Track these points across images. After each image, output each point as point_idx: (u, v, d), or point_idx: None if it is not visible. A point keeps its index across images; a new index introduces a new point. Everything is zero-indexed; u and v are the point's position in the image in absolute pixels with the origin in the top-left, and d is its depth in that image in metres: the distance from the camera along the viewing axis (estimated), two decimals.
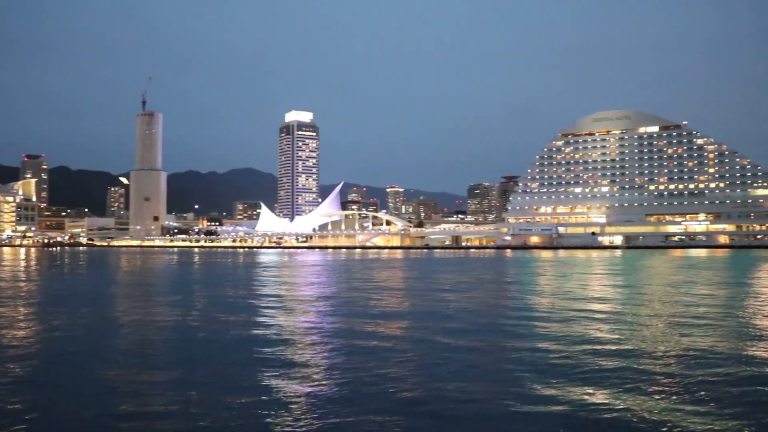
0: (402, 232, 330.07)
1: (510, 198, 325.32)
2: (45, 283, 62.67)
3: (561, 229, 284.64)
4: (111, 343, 23.59)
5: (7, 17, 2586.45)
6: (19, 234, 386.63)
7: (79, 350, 22.24)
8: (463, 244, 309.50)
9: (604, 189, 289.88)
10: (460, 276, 69.41)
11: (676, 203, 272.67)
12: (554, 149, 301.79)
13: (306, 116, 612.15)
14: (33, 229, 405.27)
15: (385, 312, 32.70)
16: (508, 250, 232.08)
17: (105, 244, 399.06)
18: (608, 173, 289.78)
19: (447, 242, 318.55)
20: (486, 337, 23.97)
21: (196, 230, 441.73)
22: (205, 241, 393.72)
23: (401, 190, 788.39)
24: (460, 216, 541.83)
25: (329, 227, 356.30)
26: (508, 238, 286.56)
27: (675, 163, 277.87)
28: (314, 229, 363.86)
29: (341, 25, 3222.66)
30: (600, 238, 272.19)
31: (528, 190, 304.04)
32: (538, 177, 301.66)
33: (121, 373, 17.96)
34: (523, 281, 61.29)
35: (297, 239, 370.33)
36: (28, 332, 26.44)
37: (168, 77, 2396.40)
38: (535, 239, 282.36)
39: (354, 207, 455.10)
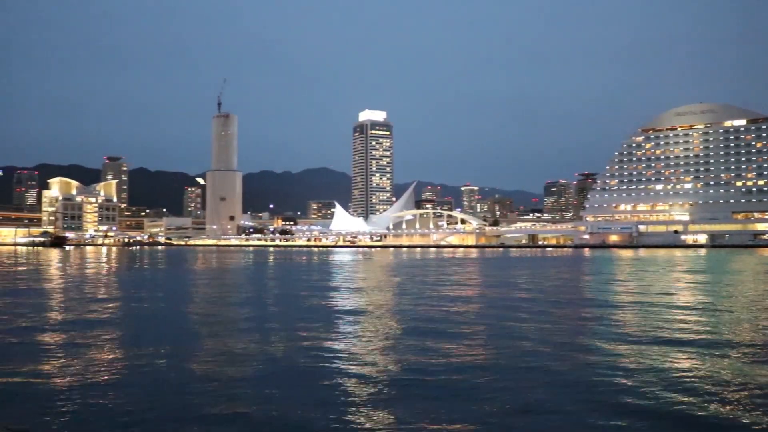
0: (477, 230, 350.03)
1: (588, 196, 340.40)
2: (131, 278, 69.42)
3: (641, 228, 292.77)
4: (189, 339, 25.10)
5: (89, 25, 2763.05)
6: (101, 233, 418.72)
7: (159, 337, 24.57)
8: (540, 242, 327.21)
9: (687, 186, 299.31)
10: (544, 280, 64.16)
11: (765, 200, 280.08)
12: (634, 145, 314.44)
13: (379, 115, 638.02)
14: (114, 228, 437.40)
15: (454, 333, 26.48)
16: (586, 249, 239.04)
17: (182, 243, 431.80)
18: (691, 169, 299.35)
19: (523, 241, 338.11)
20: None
21: (271, 229, 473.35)
22: (280, 240, 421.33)
23: (476, 188, 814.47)
24: (536, 214, 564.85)
25: (403, 226, 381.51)
26: (586, 236, 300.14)
27: (764, 157, 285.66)
28: (388, 228, 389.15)
29: (414, 24, 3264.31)
30: (683, 237, 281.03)
31: (607, 188, 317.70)
32: (617, 174, 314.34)
33: (200, 369, 19.30)
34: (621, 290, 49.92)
35: (371, 238, 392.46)
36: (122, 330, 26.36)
37: (243, 79, 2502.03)
38: (614, 238, 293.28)
39: (428, 206, 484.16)
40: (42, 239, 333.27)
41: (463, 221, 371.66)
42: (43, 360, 21.27)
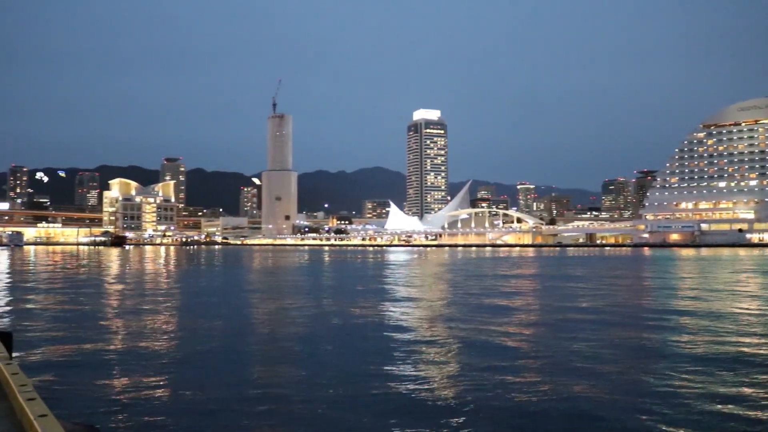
0: (533, 229, 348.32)
1: (647, 193, 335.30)
2: (191, 278, 72.18)
3: (704, 226, 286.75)
4: (245, 337, 25.52)
5: (149, 28, 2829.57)
6: (159, 233, 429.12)
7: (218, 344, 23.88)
8: (598, 241, 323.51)
9: (752, 183, 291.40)
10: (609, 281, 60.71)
11: None
12: (695, 141, 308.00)
13: (434, 114, 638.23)
14: (172, 228, 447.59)
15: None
16: (646, 248, 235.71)
17: (239, 242, 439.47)
18: (757, 165, 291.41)
19: (580, 240, 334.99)
20: None
21: (327, 229, 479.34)
22: (335, 240, 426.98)
23: (532, 186, 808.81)
24: (594, 213, 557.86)
25: (459, 225, 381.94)
26: (645, 235, 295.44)
27: None
28: (443, 227, 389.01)
29: (468, 22, 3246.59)
30: (748, 236, 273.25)
31: (667, 185, 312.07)
32: (677, 171, 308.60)
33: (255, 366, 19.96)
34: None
35: (426, 237, 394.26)
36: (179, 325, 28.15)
37: (297, 79, 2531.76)
38: (675, 236, 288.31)
39: (483, 204, 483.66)
40: (103, 239, 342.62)
41: (519, 220, 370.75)
42: (113, 357, 22.78)
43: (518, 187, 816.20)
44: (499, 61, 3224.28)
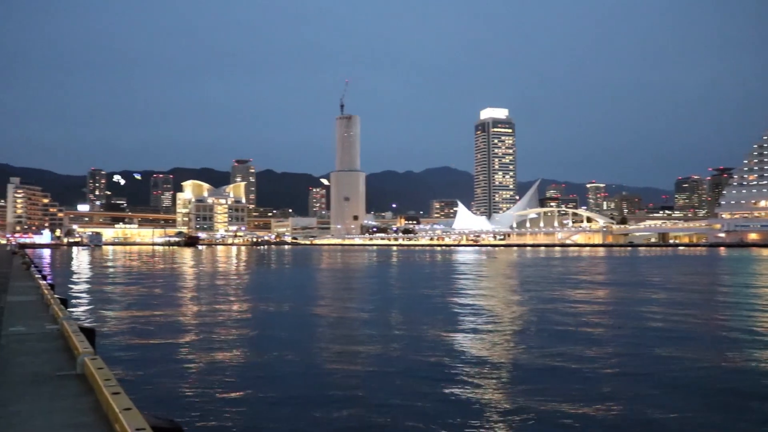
0: (604, 229, 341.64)
1: (724, 192, 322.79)
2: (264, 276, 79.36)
3: None
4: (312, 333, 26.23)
5: (216, 32, 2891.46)
6: (230, 233, 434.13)
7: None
8: (671, 241, 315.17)
9: None
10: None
11: None
12: None
13: (501, 113, 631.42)
14: (243, 228, 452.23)
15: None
16: (722, 248, 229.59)
17: (308, 242, 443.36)
18: None
19: (652, 240, 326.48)
20: None
21: (395, 229, 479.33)
22: (403, 240, 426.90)
23: (602, 185, 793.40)
24: (666, 212, 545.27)
25: (527, 225, 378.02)
26: (721, 234, 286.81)
27: None
28: (512, 227, 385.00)
29: (534, 20, 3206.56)
30: None
31: (745, 183, 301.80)
32: (756, 168, 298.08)
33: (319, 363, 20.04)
34: None
35: (494, 237, 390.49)
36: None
37: (365, 80, 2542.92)
38: (753, 236, 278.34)
39: (552, 204, 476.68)
40: (177, 239, 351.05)
41: (588, 219, 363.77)
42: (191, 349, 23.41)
43: (588, 186, 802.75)
44: (567, 57, 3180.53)
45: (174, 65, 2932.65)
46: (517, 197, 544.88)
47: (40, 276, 29.94)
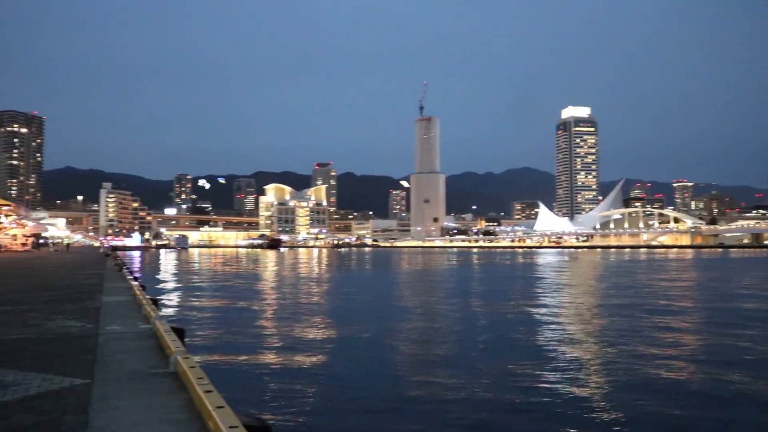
0: (692, 230, 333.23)
1: None
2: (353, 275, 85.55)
3: None
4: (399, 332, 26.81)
5: (298, 41, 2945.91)
6: (312, 236, 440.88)
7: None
8: (766, 242, 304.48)
9: None
10: None
11: None
12: None
13: (583, 111, 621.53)
14: (324, 231, 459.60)
15: None
16: None
17: (388, 244, 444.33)
18: None
19: (745, 241, 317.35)
20: None
21: (475, 230, 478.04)
22: (484, 242, 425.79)
23: (690, 184, 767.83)
24: (761, 211, 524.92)
25: (611, 225, 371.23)
26: None
27: None
28: (595, 228, 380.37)
29: (615, 15, 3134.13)
30: None
31: None
32: None
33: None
34: None
35: (577, 239, 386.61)
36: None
37: (444, 81, 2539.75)
38: None
39: (637, 204, 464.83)
40: (260, 242, 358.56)
41: (676, 220, 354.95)
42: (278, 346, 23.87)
43: (674, 185, 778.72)
44: (652, 52, 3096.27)
45: (255, 72, 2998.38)
46: (600, 198, 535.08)
47: (131, 277, 31.02)
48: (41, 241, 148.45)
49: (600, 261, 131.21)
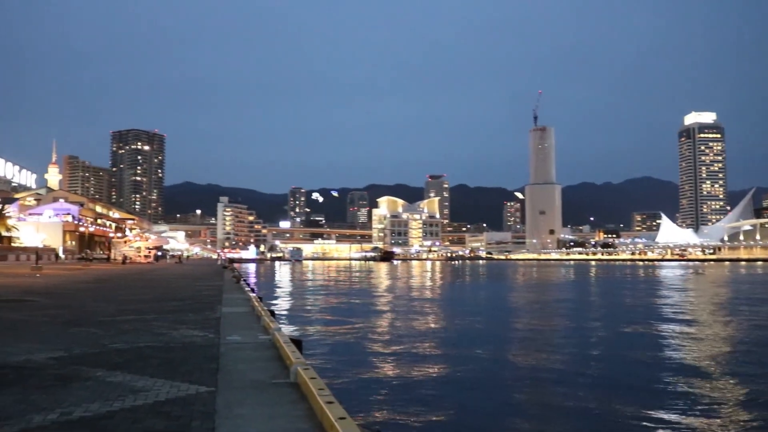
0: None
1: None
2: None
3: None
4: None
5: (407, 53, 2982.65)
6: (425, 248, 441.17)
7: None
8: None
9: None
10: None
11: None
12: None
13: (708, 117, 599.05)
14: (437, 244, 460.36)
15: None
16: None
17: (503, 257, 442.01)
18: None
19: None
20: None
21: (593, 243, 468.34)
22: (602, 254, 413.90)
23: None
24: None
25: (740, 237, 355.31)
26: None
27: None
28: (722, 240, 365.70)
29: (738, 14, 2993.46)
30: None
31: None
32: None
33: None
34: None
35: (703, 251, 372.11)
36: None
37: (558, 90, 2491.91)
38: None
39: None
40: (372, 254, 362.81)
41: None
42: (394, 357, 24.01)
43: None
44: None
45: (367, 86, 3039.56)
46: (728, 208, 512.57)
47: (249, 289, 31.98)
48: (159, 253, 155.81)
49: (729, 275, 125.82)
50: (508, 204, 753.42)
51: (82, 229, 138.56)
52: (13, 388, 7.94)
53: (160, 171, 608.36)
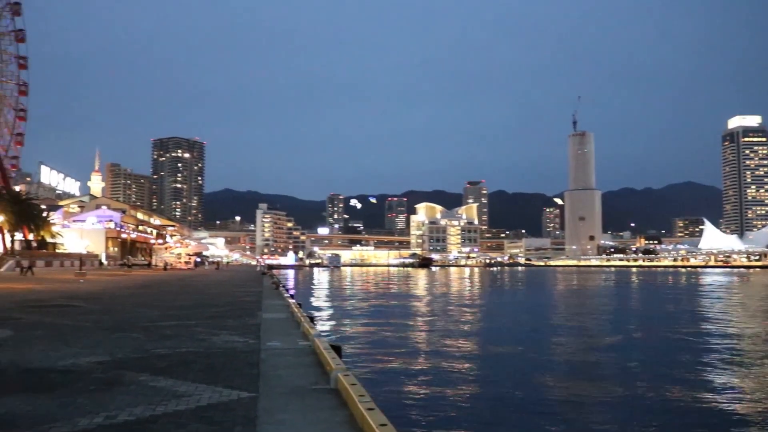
0: None
1: None
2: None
3: None
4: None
5: (446, 60, 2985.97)
6: (463, 255, 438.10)
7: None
8: None
9: None
10: None
11: None
12: None
13: (753, 120, 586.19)
14: (476, 250, 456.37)
15: None
16: None
17: (542, 263, 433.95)
18: None
19: None
20: None
21: (634, 249, 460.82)
22: (643, 261, 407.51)
23: None
24: None
25: None
26: None
27: None
28: None
29: None
30: None
31: None
32: None
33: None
34: None
35: (748, 257, 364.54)
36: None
37: (598, 94, 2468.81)
38: None
39: None
40: (411, 261, 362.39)
41: None
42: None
43: None
44: None
45: (405, 92, 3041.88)
46: None
47: (288, 295, 32.18)
48: (198, 260, 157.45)
49: None
50: (547, 210, 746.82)
51: (124, 235, 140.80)
52: (59, 392, 8.13)
53: (200, 178, 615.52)
